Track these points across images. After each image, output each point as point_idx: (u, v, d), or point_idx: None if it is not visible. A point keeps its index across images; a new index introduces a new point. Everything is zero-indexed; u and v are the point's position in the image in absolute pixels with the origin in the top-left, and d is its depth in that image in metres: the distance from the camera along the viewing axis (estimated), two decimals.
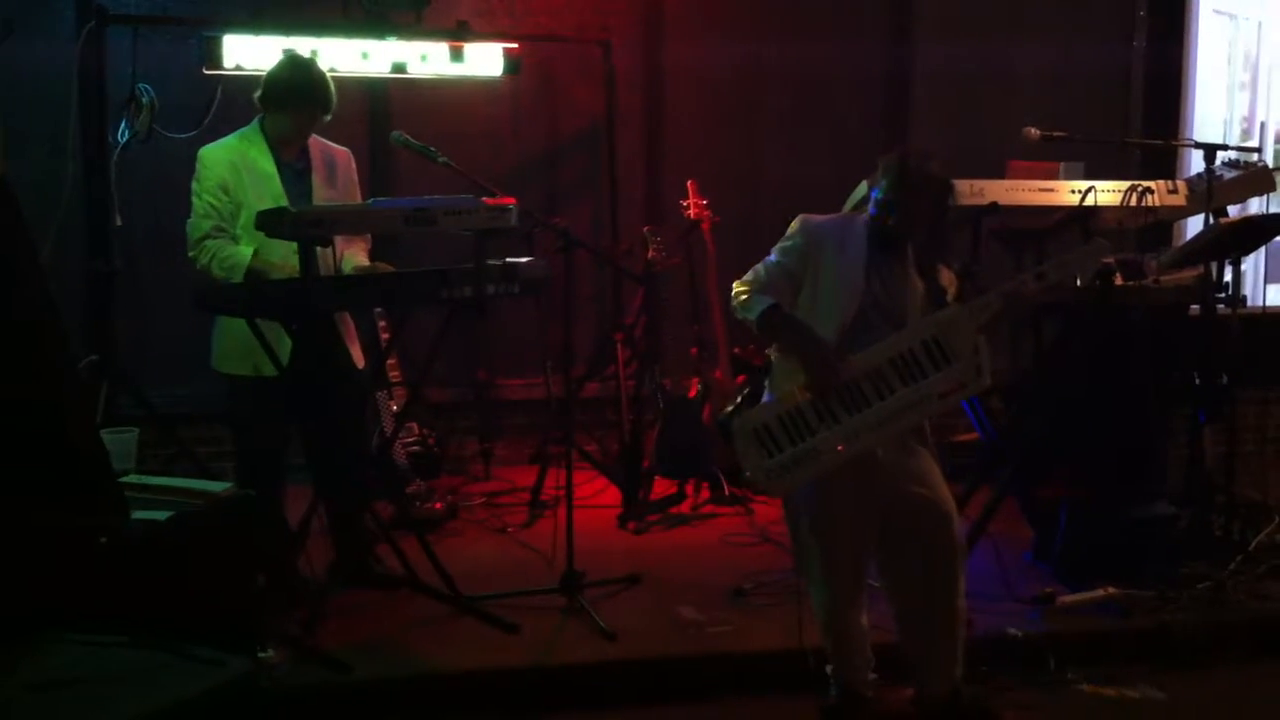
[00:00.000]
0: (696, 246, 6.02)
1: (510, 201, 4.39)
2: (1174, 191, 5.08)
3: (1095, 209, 4.91)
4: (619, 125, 6.65)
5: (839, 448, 3.70)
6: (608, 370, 6.34)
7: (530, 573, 4.98)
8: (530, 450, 6.59)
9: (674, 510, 5.88)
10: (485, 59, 6.18)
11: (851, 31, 7.10)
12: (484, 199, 4.37)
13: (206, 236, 4.45)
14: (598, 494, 6.08)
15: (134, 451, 4.71)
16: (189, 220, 4.51)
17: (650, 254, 5.97)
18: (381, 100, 6.46)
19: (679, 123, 6.96)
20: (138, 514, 3.26)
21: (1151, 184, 4.98)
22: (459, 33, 6.16)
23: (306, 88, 4.51)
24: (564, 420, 5.04)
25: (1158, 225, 5.21)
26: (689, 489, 5.97)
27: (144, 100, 5.68)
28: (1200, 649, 4.52)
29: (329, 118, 4.59)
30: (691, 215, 5.95)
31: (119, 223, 5.69)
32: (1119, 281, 4.88)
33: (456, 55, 6.11)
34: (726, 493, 5.95)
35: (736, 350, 6.00)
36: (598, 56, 6.57)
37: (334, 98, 4.57)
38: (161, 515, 3.35)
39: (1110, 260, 4.90)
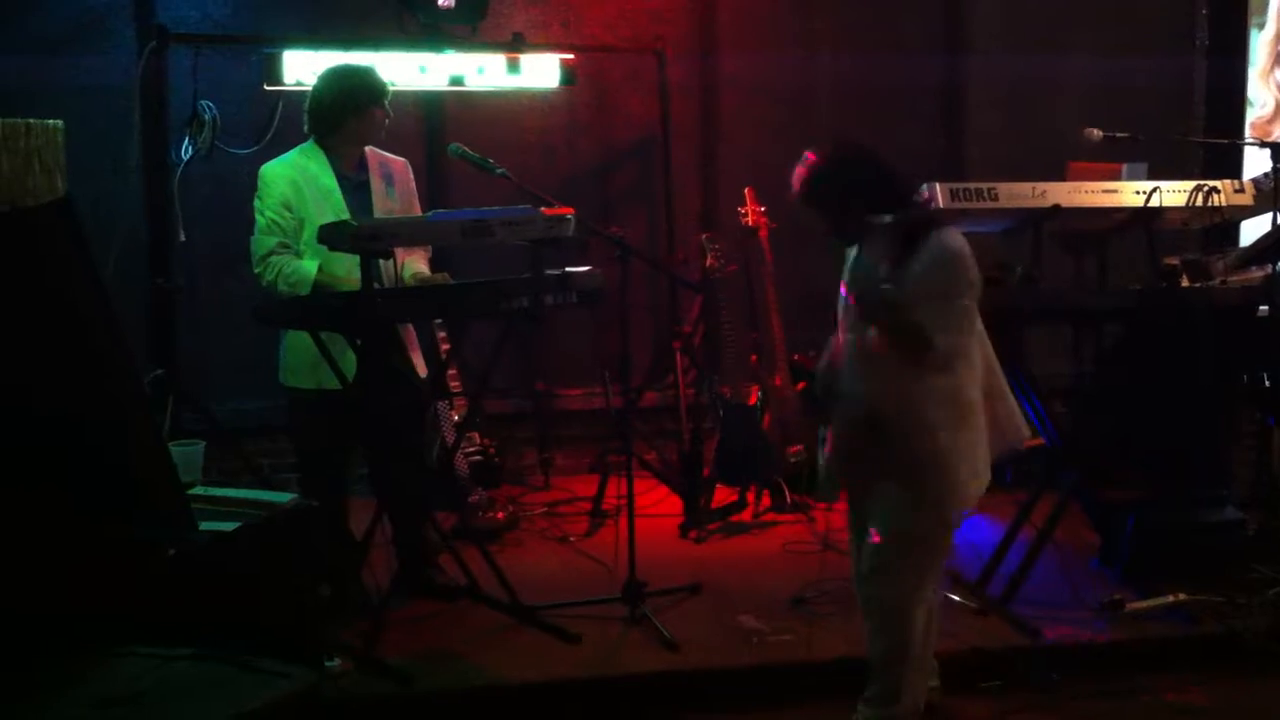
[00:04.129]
0: (754, 254, 6.00)
1: (568, 211, 4.40)
2: (1240, 191, 5.01)
3: (1160, 209, 4.84)
4: (673, 135, 6.64)
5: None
6: (666, 379, 6.33)
7: (592, 582, 4.98)
8: (589, 460, 6.59)
9: (735, 518, 5.86)
10: (542, 70, 6.20)
11: (905, 41, 7.05)
12: (542, 209, 4.38)
13: (271, 253, 4.48)
14: (658, 503, 6.06)
15: (200, 464, 4.75)
16: (253, 238, 4.55)
17: (708, 261, 5.96)
18: (437, 113, 6.50)
19: (733, 132, 6.94)
20: (205, 525, 3.29)
21: (1217, 183, 4.91)
22: (515, 44, 6.18)
23: (363, 86, 4.55)
24: (623, 429, 5.03)
25: (1223, 225, 5.13)
26: (750, 497, 5.95)
27: (206, 117, 5.73)
28: (1271, 655, 4.44)
29: (388, 100, 4.61)
30: (749, 222, 5.94)
31: (183, 239, 5.76)
32: (1185, 283, 4.81)
33: (513, 67, 6.13)
34: (788, 500, 5.92)
35: (795, 357, 5.98)
36: (652, 67, 6.57)
37: (387, 87, 4.60)
38: (229, 526, 3.38)
39: (1175, 261, 4.84)
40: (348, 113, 4.55)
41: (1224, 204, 4.92)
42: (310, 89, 4.66)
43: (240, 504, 3.63)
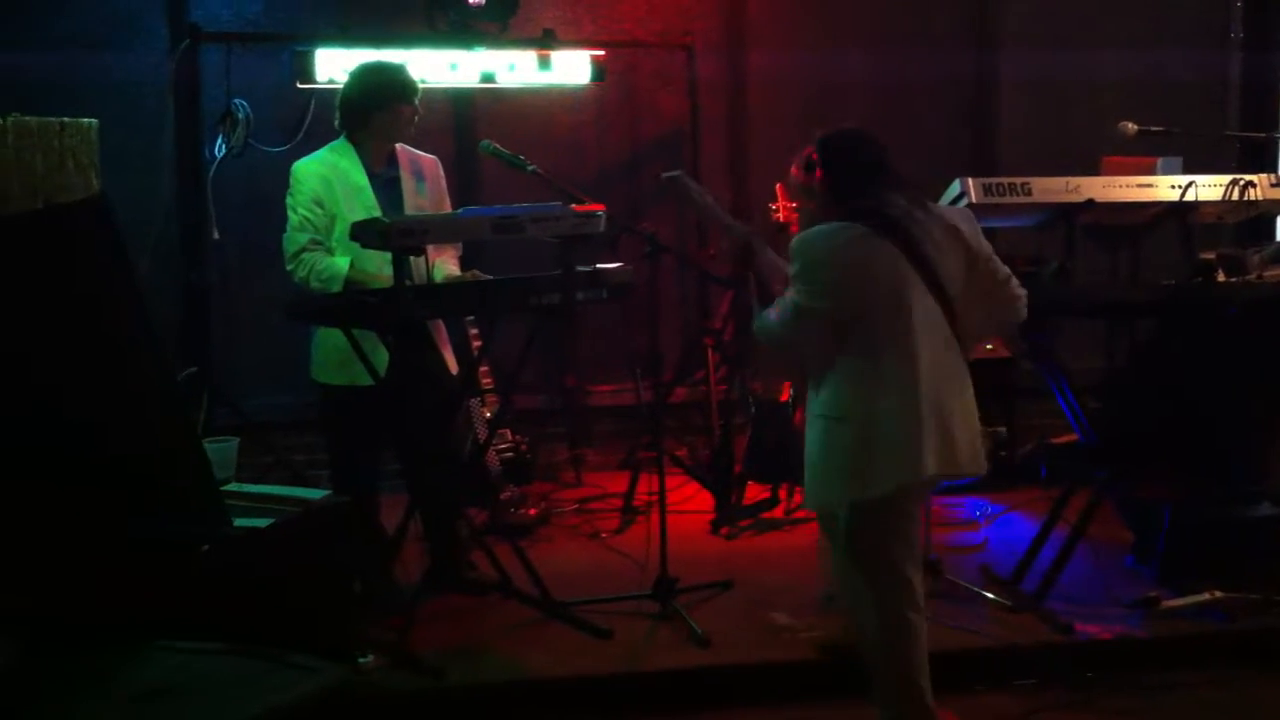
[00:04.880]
0: (784, 250, 5.98)
1: (599, 207, 4.40)
2: (1276, 185, 4.95)
3: (1195, 204, 4.80)
4: (703, 130, 6.64)
5: None
6: (697, 375, 6.33)
7: (623, 578, 4.98)
8: (620, 456, 6.59)
9: (766, 515, 5.84)
10: (572, 67, 6.21)
11: (936, 36, 7.04)
12: (572, 205, 4.39)
13: (303, 250, 4.51)
14: (689, 499, 6.06)
15: (234, 461, 4.76)
16: (285, 234, 4.57)
17: None
18: (468, 109, 6.52)
19: (763, 127, 6.93)
20: (239, 521, 3.31)
21: (1253, 177, 4.86)
22: (545, 41, 6.19)
23: (392, 82, 4.57)
24: (654, 425, 5.03)
25: (1259, 220, 5.09)
26: (781, 493, 5.93)
27: (239, 115, 5.77)
28: None
29: (418, 100, 4.63)
30: (780, 218, 5.91)
31: (216, 236, 5.80)
32: (1220, 277, 4.77)
33: (544, 64, 6.14)
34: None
35: None
36: (681, 62, 6.58)
37: (416, 85, 4.61)
38: (262, 523, 3.39)
39: (1210, 256, 4.79)
40: (374, 108, 4.57)
41: (1260, 198, 4.87)
42: (342, 85, 4.68)
43: (274, 500, 3.64)
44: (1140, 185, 4.84)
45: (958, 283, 3.47)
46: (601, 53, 6.27)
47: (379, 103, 4.56)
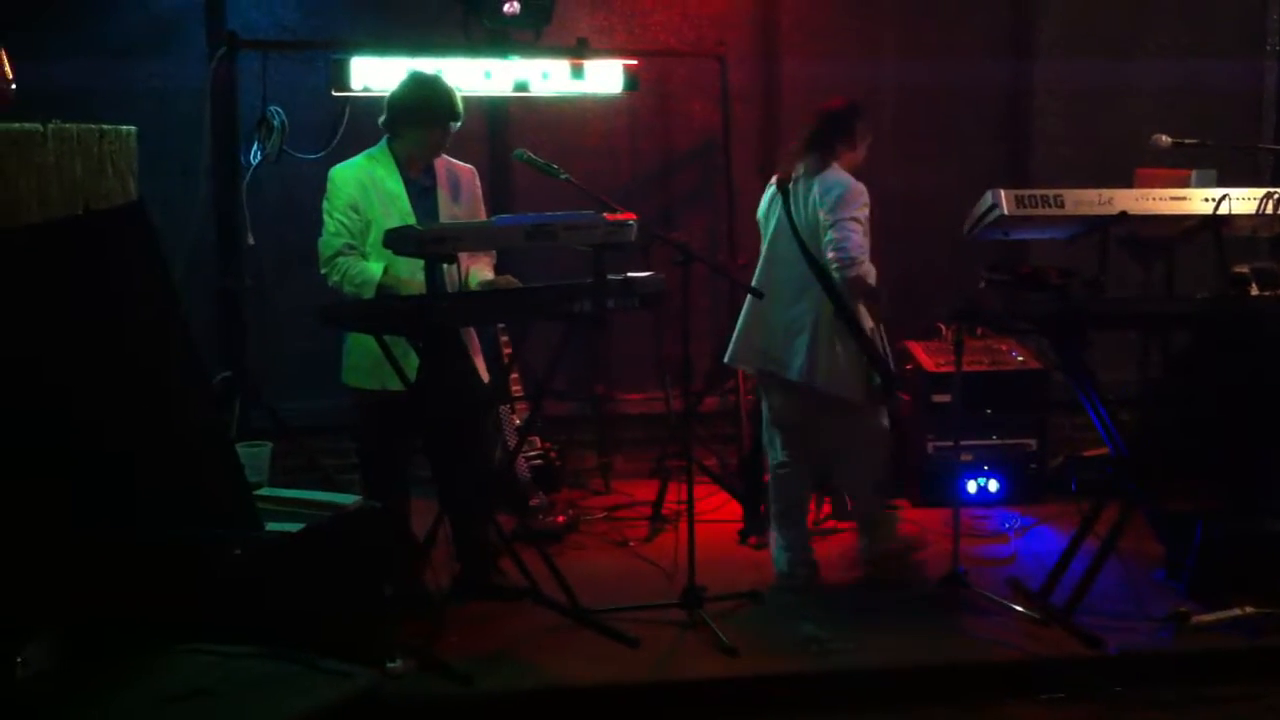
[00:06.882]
0: None
1: (630, 216, 4.42)
2: None
3: (1229, 216, 4.78)
4: (735, 139, 6.64)
5: None
6: (726, 384, 6.32)
7: (651, 587, 4.99)
8: (649, 464, 6.60)
9: None
10: (605, 76, 6.22)
11: (970, 46, 6.99)
12: (605, 214, 4.41)
13: (338, 254, 4.54)
14: (718, 509, 6.05)
15: (268, 465, 4.82)
16: (320, 239, 4.60)
17: None
18: (501, 118, 6.54)
19: (794, 137, 6.90)
20: (271, 526, 3.34)
21: None
22: (579, 50, 6.21)
23: (433, 103, 4.59)
24: (683, 434, 5.04)
25: None
26: (810, 504, 5.91)
27: (275, 122, 5.82)
28: None
29: (459, 124, 4.66)
30: None
31: (251, 242, 5.84)
32: (1254, 291, 4.74)
33: (577, 72, 6.15)
34: (849, 507, 5.88)
35: None
36: (714, 71, 6.57)
37: (461, 107, 4.64)
38: (294, 527, 3.42)
39: (1244, 269, 4.77)
40: (413, 122, 4.60)
41: None
42: (394, 87, 4.71)
43: (305, 505, 3.67)
44: (1174, 198, 4.82)
45: (811, 233, 4.82)
46: (634, 62, 6.28)
47: (419, 118, 4.59)
